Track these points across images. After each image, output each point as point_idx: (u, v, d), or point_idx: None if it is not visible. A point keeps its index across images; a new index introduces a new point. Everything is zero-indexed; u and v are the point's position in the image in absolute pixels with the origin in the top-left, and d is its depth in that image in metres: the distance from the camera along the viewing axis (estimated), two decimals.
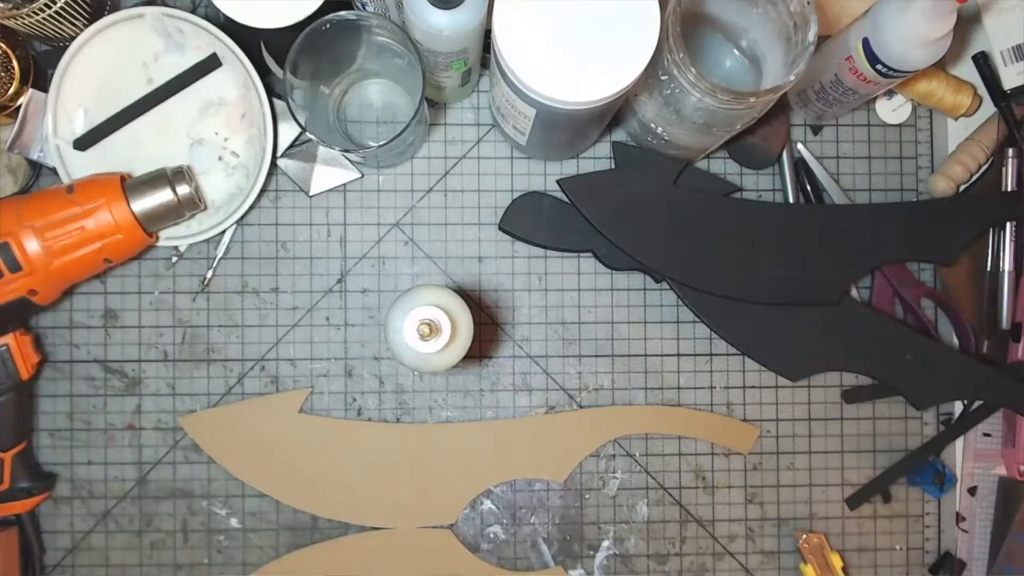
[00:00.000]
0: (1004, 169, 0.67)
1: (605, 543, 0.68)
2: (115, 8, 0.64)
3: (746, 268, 0.66)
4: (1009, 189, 0.67)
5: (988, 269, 0.68)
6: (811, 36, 0.51)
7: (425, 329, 0.50)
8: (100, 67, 0.63)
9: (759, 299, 0.66)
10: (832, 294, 0.66)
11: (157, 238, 0.63)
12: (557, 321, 0.68)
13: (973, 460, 0.69)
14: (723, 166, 0.69)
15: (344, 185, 0.67)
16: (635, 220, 0.65)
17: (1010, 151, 0.67)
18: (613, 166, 0.68)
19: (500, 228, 0.67)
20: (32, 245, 0.57)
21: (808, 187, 0.69)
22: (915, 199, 0.70)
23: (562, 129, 0.58)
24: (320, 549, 0.66)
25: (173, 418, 0.67)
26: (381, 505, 0.66)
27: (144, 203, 0.59)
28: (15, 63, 0.62)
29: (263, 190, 0.65)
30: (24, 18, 0.57)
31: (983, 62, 0.68)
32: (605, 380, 0.68)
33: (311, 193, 0.67)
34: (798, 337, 0.67)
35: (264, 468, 0.66)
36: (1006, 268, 0.67)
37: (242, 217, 0.65)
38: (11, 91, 0.62)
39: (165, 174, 0.60)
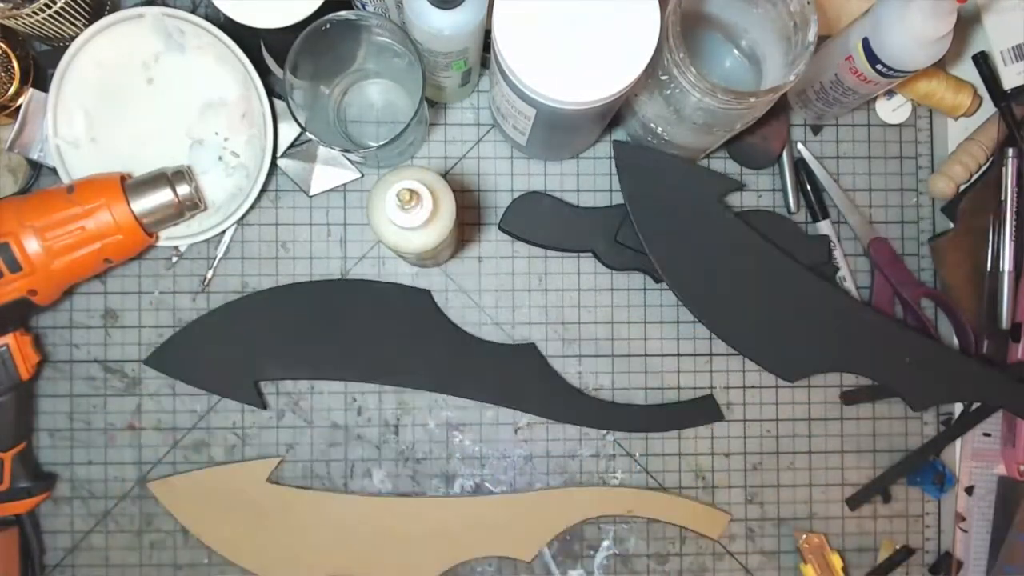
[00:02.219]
0: (1004, 169, 0.67)
1: (605, 543, 0.68)
2: (115, 8, 0.64)
3: (736, 306, 0.66)
4: (1009, 190, 0.67)
5: (988, 269, 0.68)
6: (811, 36, 0.51)
7: (405, 195, 0.48)
8: (100, 67, 0.63)
9: (728, 340, 0.66)
10: (788, 373, 0.67)
11: (157, 238, 0.63)
12: (557, 321, 0.68)
13: (972, 460, 0.69)
14: (723, 166, 0.69)
15: (344, 185, 0.67)
16: (661, 209, 0.65)
17: (1010, 151, 0.67)
18: (614, 166, 0.68)
19: (500, 228, 0.67)
20: (32, 245, 0.57)
21: (808, 187, 0.69)
22: (915, 200, 0.70)
23: (562, 129, 0.58)
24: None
25: (173, 418, 0.67)
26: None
27: (144, 203, 0.59)
28: (15, 63, 0.62)
29: (263, 190, 0.65)
30: (24, 18, 0.57)
31: (983, 62, 0.68)
32: (605, 380, 0.68)
33: (311, 193, 0.67)
34: (796, 338, 0.66)
35: (234, 537, 0.65)
36: (1006, 268, 0.67)
37: (242, 217, 0.65)
38: (11, 91, 0.62)
39: (165, 174, 0.60)
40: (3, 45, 0.62)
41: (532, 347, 0.67)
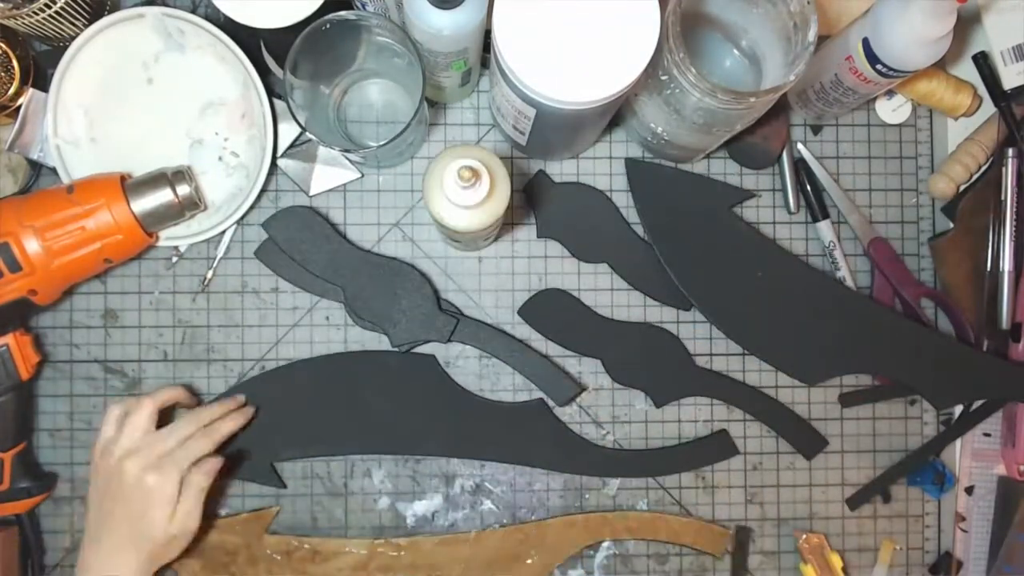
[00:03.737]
0: (1004, 169, 0.67)
1: (605, 543, 0.68)
2: (115, 8, 0.64)
3: (754, 313, 0.66)
4: (1009, 190, 0.67)
5: (988, 269, 0.68)
6: (811, 36, 0.51)
7: (466, 173, 0.47)
8: (100, 67, 0.63)
9: (745, 344, 0.67)
10: (809, 377, 0.67)
11: (157, 238, 0.63)
12: None
13: (972, 460, 0.69)
14: (723, 166, 0.69)
15: (344, 185, 0.67)
16: (674, 223, 0.66)
17: (1010, 151, 0.67)
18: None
19: (519, 314, 0.67)
20: (32, 245, 0.57)
21: (808, 187, 0.69)
22: (915, 200, 0.70)
23: (562, 129, 0.58)
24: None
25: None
26: None
27: (144, 203, 0.59)
28: (15, 63, 0.62)
29: (263, 190, 0.65)
30: (24, 18, 0.57)
31: (983, 62, 0.68)
32: (605, 380, 0.68)
33: (311, 193, 0.67)
34: (815, 342, 0.67)
35: None
36: (1006, 268, 0.67)
37: (242, 217, 0.65)
38: (11, 91, 0.62)
39: (165, 174, 0.60)
40: (3, 45, 0.62)
41: (541, 403, 0.67)
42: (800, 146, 0.69)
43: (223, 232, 0.66)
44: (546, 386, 0.66)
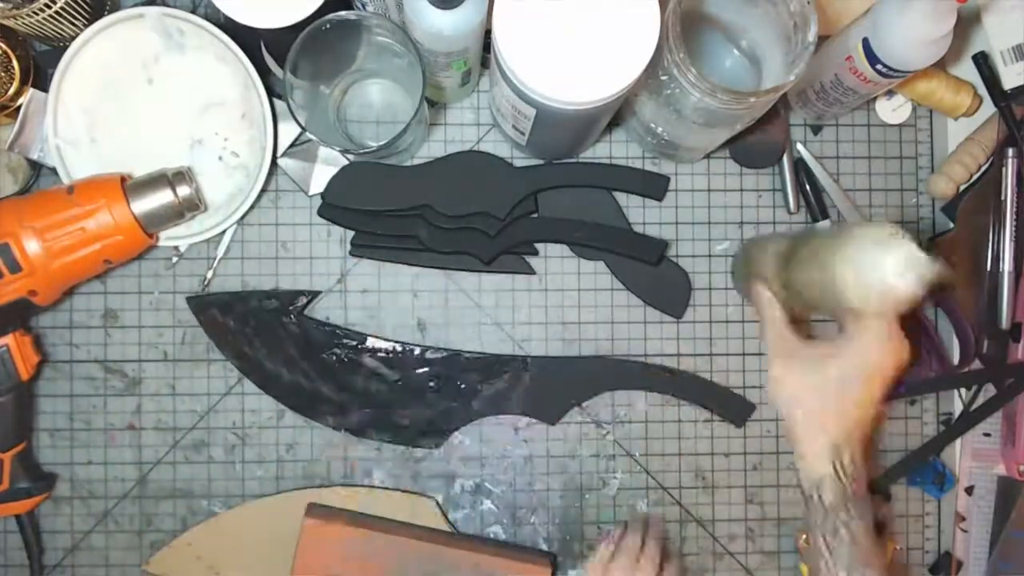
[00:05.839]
0: (1004, 169, 0.67)
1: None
2: (115, 8, 0.64)
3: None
4: (1009, 190, 0.67)
5: (988, 269, 0.68)
6: (811, 36, 0.51)
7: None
8: (100, 67, 0.63)
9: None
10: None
11: (157, 238, 0.63)
12: (557, 321, 0.68)
13: (972, 460, 0.69)
14: (723, 166, 0.69)
15: None
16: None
17: (1010, 151, 0.67)
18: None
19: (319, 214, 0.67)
20: (32, 246, 0.57)
21: (808, 187, 0.69)
22: (915, 200, 0.70)
23: (562, 129, 0.58)
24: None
25: (173, 418, 0.67)
26: None
27: (144, 204, 0.59)
28: (15, 63, 0.62)
29: (263, 190, 0.65)
30: (24, 18, 0.57)
31: (983, 62, 0.68)
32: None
33: (311, 193, 0.67)
34: None
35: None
36: (1006, 268, 0.67)
37: (242, 217, 0.65)
38: (11, 91, 0.62)
39: (165, 175, 0.60)
40: (3, 45, 0.62)
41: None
42: (800, 146, 0.69)
43: (223, 232, 0.66)
44: (724, 410, 0.68)
